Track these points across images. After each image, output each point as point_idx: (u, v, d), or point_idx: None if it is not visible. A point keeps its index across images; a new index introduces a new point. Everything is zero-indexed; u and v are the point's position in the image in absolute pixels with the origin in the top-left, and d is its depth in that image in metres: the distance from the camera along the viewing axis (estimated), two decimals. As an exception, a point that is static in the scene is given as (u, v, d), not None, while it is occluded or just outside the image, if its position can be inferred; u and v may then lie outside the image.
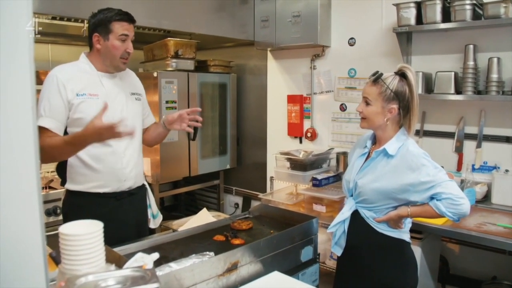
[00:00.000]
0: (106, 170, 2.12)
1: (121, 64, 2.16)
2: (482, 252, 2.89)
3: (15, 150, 0.90)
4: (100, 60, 2.14)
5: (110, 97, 2.13)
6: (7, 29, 0.88)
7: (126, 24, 2.11)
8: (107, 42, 2.09)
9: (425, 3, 2.84)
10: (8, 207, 0.90)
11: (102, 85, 2.14)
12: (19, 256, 0.93)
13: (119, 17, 2.09)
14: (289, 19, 3.59)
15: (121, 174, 2.17)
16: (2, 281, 0.90)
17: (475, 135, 2.97)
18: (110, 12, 2.09)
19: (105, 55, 2.12)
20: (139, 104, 2.32)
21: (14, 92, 0.89)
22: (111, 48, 2.10)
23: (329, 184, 3.27)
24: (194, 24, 3.46)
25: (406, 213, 1.92)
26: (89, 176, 2.11)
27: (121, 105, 2.18)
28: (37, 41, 3.50)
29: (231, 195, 4.48)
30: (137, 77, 2.43)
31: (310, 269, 2.10)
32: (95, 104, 2.06)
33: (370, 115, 1.99)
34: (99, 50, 2.12)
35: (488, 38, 2.84)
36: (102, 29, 2.09)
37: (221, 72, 4.07)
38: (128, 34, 2.12)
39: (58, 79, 2.02)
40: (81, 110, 2.04)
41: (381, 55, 3.35)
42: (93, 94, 2.09)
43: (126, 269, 1.18)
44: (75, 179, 2.13)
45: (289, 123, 3.98)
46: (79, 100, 2.04)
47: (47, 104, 2.00)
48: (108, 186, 2.15)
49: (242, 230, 2.16)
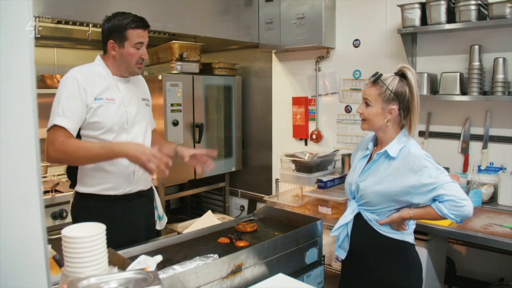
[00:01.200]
0: (118, 173, 2.12)
1: (136, 69, 2.17)
2: (489, 253, 2.86)
3: (16, 153, 0.90)
4: (115, 65, 2.15)
5: (125, 102, 2.15)
6: (7, 31, 0.88)
7: (141, 31, 2.11)
8: (122, 50, 2.09)
9: (429, 4, 2.83)
10: (10, 210, 0.90)
11: (118, 90, 2.15)
12: (20, 259, 0.93)
13: (135, 25, 2.08)
14: (294, 21, 3.59)
15: (133, 177, 2.17)
16: (3, 284, 0.90)
17: (481, 136, 2.95)
18: (126, 19, 2.08)
19: (121, 62, 2.13)
20: (149, 110, 2.34)
21: (14, 95, 0.89)
22: (126, 56, 2.10)
23: (335, 186, 3.26)
24: (199, 27, 3.48)
25: (409, 215, 1.91)
26: (101, 179, 2.11)
27: (135, 110, 2.19)
28: (42, 45, 3.55)
29: (237, 197, 4.48)
30: (145, 83, 2.43)
31: (315, 271, 2.10)
32: (112, 108, 2.08)
33: (370, 116, 1.98)
34: (115, 56, 2.12)
35: (494, 38, 2.83)
36: (117, 36, 2.08)
37: (226, 75, 4.07)
38: (143, 41, 2.13)
39: (79, 82, 2.02)
40: (98, 114, 2.05)
41: (386, 56, 3.34)
42: (110, 99, 2.09)
43: (129, 271, 1.18)
44: (86, 181, 2.13)
45: (294, 125, 3.98)
46: (97, 104, 2.05)
47: (66, 104, 1.99)
48: (118, 189, 2.15)
49: (247, 232, 2.16)
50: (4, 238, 0.90)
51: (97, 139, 2.06)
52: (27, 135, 0.93)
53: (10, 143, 0.90)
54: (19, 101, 0.92)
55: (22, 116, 0.92)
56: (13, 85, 0.90)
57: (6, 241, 0.91)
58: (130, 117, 2.15)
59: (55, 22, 2.84)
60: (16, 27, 0.90)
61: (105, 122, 2.05)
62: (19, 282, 0.92)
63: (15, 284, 0.92)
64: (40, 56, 3.60)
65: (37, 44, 3.47)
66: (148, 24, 2.15)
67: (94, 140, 2.06)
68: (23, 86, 0.92)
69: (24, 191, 0.93)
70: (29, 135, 0.93)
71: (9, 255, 0.91)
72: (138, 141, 2.17)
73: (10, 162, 0.90)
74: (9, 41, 0.88)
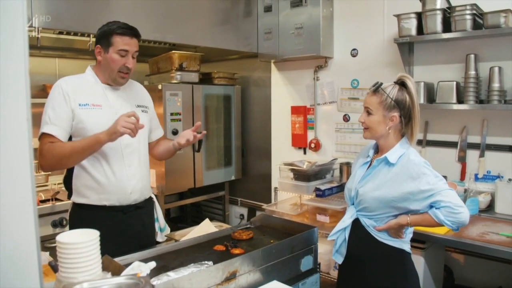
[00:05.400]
0: (111, 182, 2.13)
1: (119, 78, 2.16)
2: (487, 262, 2.86)
3: (10, 161, 0.92)
4: (101, 71, 2.17)
5: (115, 108, 2.14)
6: (1, 41, 0.90)
7: (128, 39, 2.11)
8: (106, 55, 2.11)
9: (425, 14, 2.87)
10: (4, 217, 0.91)
11: (106, 96, 2.16)
12: (14, 265, 0.94)
13: (121, 31, 2.09)
14: (292, 31, 3.63)
15: (127, 187, 2.17)
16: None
17: (478, 144, 2.96)
18: (114, 25, 2.10)
19: (105, 67, 2.14)
20: (145, 116, 2.31)
21: (9, 104, 0.91)
22: (110, 61, 2.11)
23: (333, 194, 3.27)
24: (199, 37, 3.52)
25: (406, 222, 1.92)
26: (94, 189, 2.11)
27: None
28: (44, 55, 3.60)
29: (237, 206, 4.49)
30: (145, 89, 2.44)
31: (311, 279, 2.10)
32: (98, 114, 2.09)
33: (372, 124, 2.00)
34: (100, 62, 2.15)
35: (489, 47, 2.85)
36: (104, 41, 2.11)
37: (225, 84, 4.11)
38: (128, 50, 2.12)
39: (63, 89, 2.05)
40: (83, 119, 2.06)
41: (384, 66, 3.37)
42: (96, 105, 2.10)
43: (121, 276, 1.20)
44: (81, 192, 2.13)
45: (293, 134, 4.00)
46: (82, 110, 2.06)
47: (52, 112, 2.03)
48: (113, 199, 2.14)
49: (243, 240, 2.17)
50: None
51: None
52: (22, 144, 0.94)
53: (4, 151, 0.91)
54: (14, 111, 0.93)
55: (17, 125, 0.94)
56: (7, 95, 0.92)
57: (0, 248, 0.92)
58: None
59: (56, 33, 2.89)
60: (10, 36, 0.91)
61: (90, 128, 2.04)
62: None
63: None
64: (42, 66, 3.65)
65: (39, 54, 3.53)
66: (137, 34, 2.15)
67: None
68: (17, 96, 0.93)
69: (18, 199, 0.94)
70: (23, 144, 0.94)
71: (3, 262, 0.92)
72: (130, 148, 2.18)
73: (4, 170, 0.91)
74: (3, 51, 0.90)
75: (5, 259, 0.93)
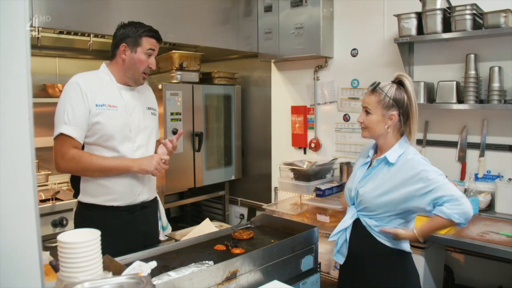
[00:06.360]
0: (121, 184, 2.12)
1: (141, 79, 2.19)
2: (487, 261, 2.87)
3: (12, 161, 0.92)
4: (121, 71, 2.16)
5: (129, 110, 2.15)
6: (3, 41, 0.89)
7: (155, 42, 2.17)
8: (133, 54, 2.12)
9: (425, 14, 2.87)
10: (5, 217, 0.92)
11: (121, 97, 2.15)
12: (15, 265, 0.94)
13: (151, 34, 2.15)
14: (292, 31, 3.63)
15: (136, 189, 2.17)
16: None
17: (478, 144, 2.96)
18: (143, 27, 2.14)
19: (129, 67, 2.14)
20: (154, 119, 2.33)
21: (11, 104, 0.91)
22: (137, 61, 2.13)
23: (333, 194, 3.28)
24: (199, 37, 3.52)
25: (415, 238, 1.93)
26: (104, 190, 2.11)
27: (139, 119, 2.19)
28: (44, 55, 3.60)
29: (237, 206, 4.49)
30: (153, 92, 2.44)
31: (311, 279, 2.10)
32: (114, 115, 2.08)
33: (371, 124, 2.01)
34: (124, 60, 2.14)
35: (489, 47, 2.86)
36: (131, 41, 2.12)
37: (225, 84, 4.11)
38: (155, 50, 2.18)
39: (81, 87, 2.03)
40: (100, 120, 2.05)
41: (384, 66, 3.37)
42: (112, 105, 2.09)
43: (122, 276, 1.21)
44: (89, 192, 2.12)
45: (293, 133, 4.00)
46: (98, 111, 2.05)
47: (71, 111, 2.00)
48: (121, 200, 2.14)
49: (243, 239, 2.17)
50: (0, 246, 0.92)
51: (101, 146, 2.07)
52: (23, 144, 0.94)
53: (6, 151, 0.92)
54: (16, 110, 0.93)
55: (18, 125, 0.94)
56: (9, 94, 0.92)
57: (1, 247, 0.92)
58: (134, 125, 2.15)
59: (57, 33, 2.89)
60: (12, 36, 0.91)
61: (106, 129, 2.05)
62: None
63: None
64: (42, 65, 3.65)
65: (39, 54, 3.53)
66: (161, 38, 2.22)
67: (97, 147, 2.07)
68: (19, 95, 0.93)
69: (19, 198, 0.94)
70: (25, 143, 0.94)
71: (4, 261, 0.93)
72: (141, 150, 2.18)
73: (6, 170, 0.92)
74: (5, 50, 0.90)
75: (6, 259, 0.93)
